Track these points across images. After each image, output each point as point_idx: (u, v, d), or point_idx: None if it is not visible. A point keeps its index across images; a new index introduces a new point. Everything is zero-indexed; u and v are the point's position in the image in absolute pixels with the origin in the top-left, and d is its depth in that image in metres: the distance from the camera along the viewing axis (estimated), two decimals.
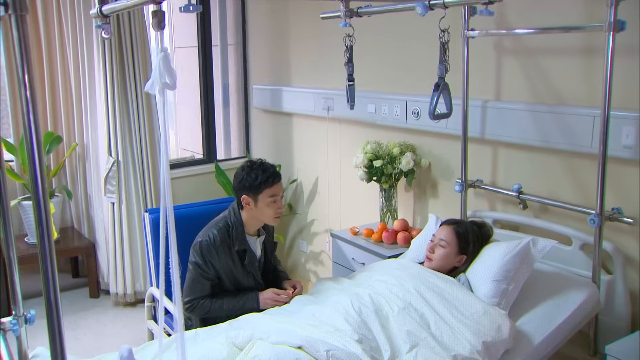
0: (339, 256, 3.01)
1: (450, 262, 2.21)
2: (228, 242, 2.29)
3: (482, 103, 2.58)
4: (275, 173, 2.28)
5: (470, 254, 2.21)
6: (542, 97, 2.41)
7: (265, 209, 2.27)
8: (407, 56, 2.98)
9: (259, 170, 2.25)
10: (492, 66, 2.58)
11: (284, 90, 3.83)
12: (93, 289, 3.84)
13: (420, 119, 2.87)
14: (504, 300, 2.05)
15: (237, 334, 1.88)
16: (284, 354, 1.71)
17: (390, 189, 2.98)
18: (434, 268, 2.20)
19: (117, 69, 3.48)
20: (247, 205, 2.28)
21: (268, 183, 2.24)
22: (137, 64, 3.54)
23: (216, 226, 2.31)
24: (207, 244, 2.27)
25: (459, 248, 2.21)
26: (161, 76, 1.49)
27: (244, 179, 2.27)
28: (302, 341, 1.76)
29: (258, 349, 1.75)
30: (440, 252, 2.21)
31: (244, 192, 2.27)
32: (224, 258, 2.29)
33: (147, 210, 2.78)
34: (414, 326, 1.88)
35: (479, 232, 2.26)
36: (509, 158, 2.58)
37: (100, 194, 3.72)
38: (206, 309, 2.32)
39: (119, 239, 3.67)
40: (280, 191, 2.30)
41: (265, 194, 2.25)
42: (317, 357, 1.73)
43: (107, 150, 3.59)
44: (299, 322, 1.93)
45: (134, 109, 3.57)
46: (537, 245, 2.17)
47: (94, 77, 3.60)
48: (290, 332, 1.83)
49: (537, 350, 1.97)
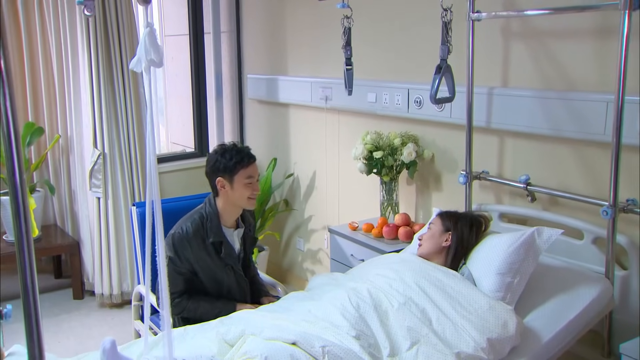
0: (337, 253, 3.01)
1: (437, 242, 2.25)
2: (202, 234, 2.30)
3: (488, 90, 2.58)
4: (249, 154, 2.33)
5: (456, 231, 2.23)
6: (552, 82, 2.41)
7: (242, 190, 2.30)
8: (408, 42, 2.98)
9: (233, 152, 2.31)
10: (499, 51, 2.57)
11: (280, 80, 3.83)
12: (77, 290, 3.83)
13: (422, 107, 2.87)
14: (509, 294, 2.05)
15: (228, 330, 1.88)
16: (277, 349, 1.71)
17: (391, 181, 2.97)
18: (424, 252, 2.25)
19: (102, 55, 3.48)
20: (223, 188, 2.31)
21: (243, 163, 2.29)
22: (124, 48, 3.53)
23: (190, 218, 2.34)
24: (179, 237, 2.29)
25: (443, 226, 2.27)
26: (147, 53, 1.49)
27: (217, 161, 2.31)
28: (297, 337, 1.76)
29: (250, 345, 1.75)
30: (427, 234, 2.30)
31: (218, 175, 2.31)
32: (197, 251, 2.30)
33: (134, 203, 2.78)
34: (415, 322, 1.88)
35: (467, 214, 2.33)
36: (517, 148, 2.58)
37: (85, 188, 3.71)
38: (180, 308, 2.33)
39: (105, 236, 3.67)
40: (256, 173, 2.35)
41: (240, 174, 2.29)
42: (312, 353, 1.73)
43: (93, 142, 3.58)
44: (294, 318, 1.93)
45: (121, 97, 3.57)
46: (542, 235, 2.17)
47: (78, 63, 3.59)
48: (284, 327, 1.83)
49: (545, 348, 1.97)
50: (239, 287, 2.43)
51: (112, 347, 1.45)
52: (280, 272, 4.16)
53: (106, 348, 1.44)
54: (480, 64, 2.55)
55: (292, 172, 3.97)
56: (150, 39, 1.48)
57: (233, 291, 2.42)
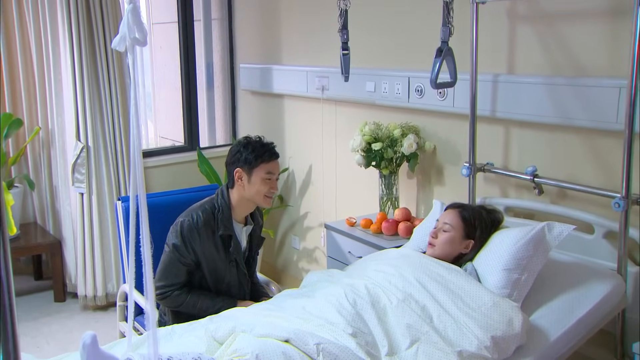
0: (334, 250, 3.01)
1: (456, 248, 2.20)
2: (212, 225, 2.33)
3: (493, 77, 2.58)
4: (273, 150, 2.37)
5: (477, 239, 2.20)
6: (561, 68, 2.41)
7: (259, 185, 2.32)
8: (409, 27, 2.98)
9: (257, 145, 2.35)
10: (504, 35, 2.57)
11: (274, 69, 3.83)
12: (58, 292, 3.83)
13: (424, 97, 2.87)
14: (515, 291, 2.04)
15: (218, 327, 1.87)
16: (268, 347, 1.71)
17: (390, 175, 2.97)
18: (437, 255, 2.20)
19: (85, 40, 3.46)
20: (240, 180, 2.34)
21: (265, 158, 2.33)
22: (108, 34, 3.51)
23: (201, 207, 2.36)
24: (189, 225, 2.31)
25: (465, 232, 2.21)
26: (130, 31, 1.48)
27: (239, 152, 2.35)
28: (290, 334, 1.76)
29: (240, 342, 1.74)
30: (443, 237, 2.21)
31: (238, 166, 2.34)
32: (206, 242, 2.32)
33: (120, 198, 2.78)
34: (415, 319, 1.88)
35: (488, 216, 2.26)
36: (523, 138, 2.58)
37: (67, 183, 3.71)
38: (179, 301, 2.33)
39: (88, 235, 3.67)
40: (277, 171, 2.39)
41: (261, 169, 2.32)
42: (306, 350, 1.72)
43: (75, 134, 3.58)
44: (287, 316, 1.93)
45: (106, 86, 3.56)
46: (552, 230, 2.16)
47: (59, 49, 3.57)
48: (277, 324, 1.83)
49: (553, 348, 1.97)
50: (239, 285, 2.46)
51: (93, 342, 1.44)
52: (274, 272, 4.16)
53: (86, 343, 1.43)
54: (484, 49, 2.55)
55: (286, 167, 3.97)
56: (134, 15, 1.46)
57: (233, 288, 2.44)
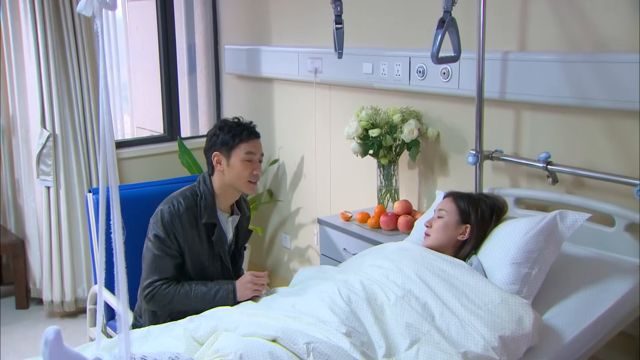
0: (328, 247, 3.01)
1: (452, 235, 2.22)
2: (195, 212, 2.34)
3: (502, 55, 2.58)
4: (251, 129, 2.39)
5: (475, 224, 2.21)
6: (578, 44, 2.41)
7: (239, 168, 2.33)
8: (409, 3, 2.98)
9: (234, 124, 2.38)
10: (515, 9, 2.58)
11: (263, 51, 3.83)
12: (21, 298, 3.82)
13: (426, 78, 2.87)
14: (525, 287, 2.04)
15: (198, 326, 1.87)
16: (254, 346, 1.70)
17: (389, 165, 2.97)
18: (433, 244, 2.21)
19: (50, 12, 3.43)
20: (219, 164, 2.36)
21: (243, 137, 2.34)
22: (75, 3, 3.48)
23: (182, 194, 2.37)
24: (170, 212, 2.31)
25: (460, 217, 2.22)
26: None
27: (215, 134, 2.38)
28: (278, 332, 1.75)
29: (223, 342, 1.73)
30: (438, 224, 2.24)
31: (215, 149, 2.36)
32: (189, 231, 2.33)
33: (90, 190, 2.78)
34: (415, 318, 1.87)
35: (486, 200, 2.28)
36: (535, 122, 2.58)
37: (31, 176, 3.70)
38: (169, 297, 2.30)
39: (56, 233, 3.66)
40: (259, 151, 2.39)
41: (239, 149, 2.33)
42: (294, 350, 1.71)
43: (41, 121, 3.57)
44: (275, 314, 1.93)
45: (75, 68, 3.56)
46: (565, 220, 2.16)
47: (20, 27, 3.55)
48: (263, 323, 1.83)
49: (567, 350, 1.97)
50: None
51: (57, 338, 1.42)
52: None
53: (49, 339, 1.40)
54: (492, 24, 2.55)
55: (276, 158, 3.98)
56: None
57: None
